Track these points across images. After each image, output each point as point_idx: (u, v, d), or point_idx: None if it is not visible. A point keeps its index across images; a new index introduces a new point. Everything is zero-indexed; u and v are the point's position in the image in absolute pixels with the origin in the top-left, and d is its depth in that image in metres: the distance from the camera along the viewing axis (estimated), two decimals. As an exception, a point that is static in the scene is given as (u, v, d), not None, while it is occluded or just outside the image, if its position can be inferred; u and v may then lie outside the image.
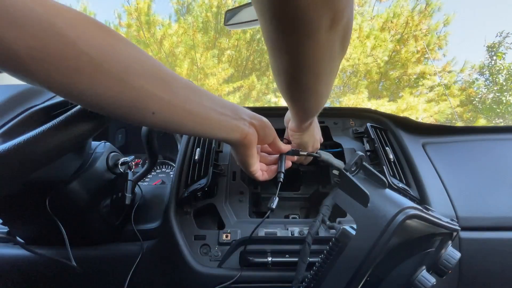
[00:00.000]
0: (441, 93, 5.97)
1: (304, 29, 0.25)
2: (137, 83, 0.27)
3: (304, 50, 0.28)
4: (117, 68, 0.25)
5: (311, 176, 0.67)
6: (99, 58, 0.24)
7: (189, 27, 5.88)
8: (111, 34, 0.26)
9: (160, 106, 0.29)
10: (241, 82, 6.27)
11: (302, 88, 0.34)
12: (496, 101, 6.67)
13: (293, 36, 0.26)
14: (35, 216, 0.47)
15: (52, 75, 0.23)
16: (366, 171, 0.39)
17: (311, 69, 0.31)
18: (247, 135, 0.38)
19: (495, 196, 0.56)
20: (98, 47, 0.24)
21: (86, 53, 0.23)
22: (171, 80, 0.30)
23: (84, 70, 0.24)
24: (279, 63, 0.31)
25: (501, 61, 6.92)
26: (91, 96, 0.26)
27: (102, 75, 0.25)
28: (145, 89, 0.28)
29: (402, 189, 0.54)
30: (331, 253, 0.37)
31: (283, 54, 0.29)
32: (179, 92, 0.31)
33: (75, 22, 0.23)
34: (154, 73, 0.29)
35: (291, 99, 0.39)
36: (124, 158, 0.56)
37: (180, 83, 0.31)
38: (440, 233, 0.36)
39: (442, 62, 6.45)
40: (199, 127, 0.33)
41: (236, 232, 0.51)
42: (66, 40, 0.23)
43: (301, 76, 0.32)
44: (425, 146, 0.66)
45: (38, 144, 0.30)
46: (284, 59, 0.30)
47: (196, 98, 0.33)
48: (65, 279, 0.57)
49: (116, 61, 0.26)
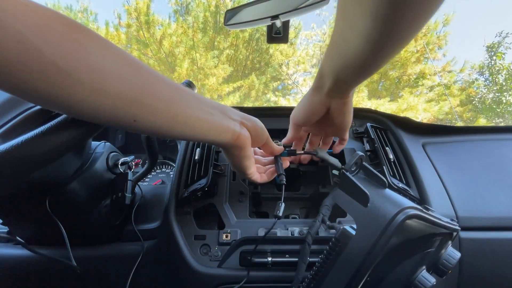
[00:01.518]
0: (441, 93, 5.97)
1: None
2: (113, 90, 0.24)
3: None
4: (89, 77, 0.23)
5: (311, 176, 0.67)
6: (69, 68, 0.21)
7: (189, 27, 5.89)
8: (83, 35, 0.23)
9: (141, 112, 0.27)
10: (241, 82, 6.27)
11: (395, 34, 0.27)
12: (496, 101, 6.68)
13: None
14: (35, 216, 0.47)
15: (20, 86, 0.21)
16: (366, 171, 0.39)
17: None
18: (239, 135, 0.36)
19: (495, 196, 0.56)
20: (67, 55, 0.21)
21: (54, 62, 0.21)
22: (153, 82, 0.28)
23: (53, 80, 0.21)
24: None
25: (501, 61, 6.93)
26: (64, 105, 0.23)
27: (73, 85, 0.22)
28: (123, 96, 0.25)
29: (402, 189, 0.54)
30: (331, 253, 0.37)
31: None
32: (162, 94, 0.28)
33: (40, 25, 0.20)
34: (132, 76, 0.26)
35: (370, 46, 0.29)
36: (124, 158, 0.56)
37: (163, 84, 0.29)
38: (440, 233, 0.36)
39: (442, 62, 6.47)
40: (187, 130, 0.31)
41: (236, 232, 0.51)
42: (29, 48, 0.20)
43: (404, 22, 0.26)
44: (425, 146, 0.66)
45: (38, 144, 0.30)
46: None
47: (182, 100, 0.30)
48: (66, 279, 0.57)
49: (88, 70, 0.23)
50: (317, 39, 7.97)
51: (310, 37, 8.04)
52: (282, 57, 7.04)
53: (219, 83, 6.08)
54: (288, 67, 7.53)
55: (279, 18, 0.61)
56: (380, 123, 0.70)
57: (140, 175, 0.57)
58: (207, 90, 6.13)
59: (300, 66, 7.71)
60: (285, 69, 7.47)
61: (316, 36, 8.01)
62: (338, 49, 0.34)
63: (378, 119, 0.71)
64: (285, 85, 7.85)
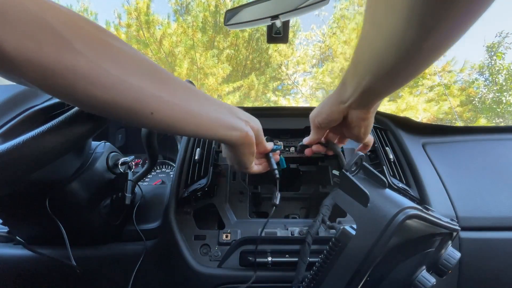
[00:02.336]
0: (441, 93, 5.97)
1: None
2: (136, 82, 0.26)
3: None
4: (116, 68, 0.25)
5: (311, 176, 0.67)
6: (97, 59, 0.24)
7: (188, 27, 5.89)
8: (106, 34, 0.25)
9: (159, 106, 0.29)
10: (241, 82, 6.28)
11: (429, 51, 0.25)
12: (496, 101, 6.68)
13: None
14: (35, 216, 0.47)
15: (47, 77, 0.22)
16: (366, 171, 0.39)
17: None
18: (248, 132, 0.38)
19: (495, 196, 0.56)
20: (96, 48, 0.24)
21: (84, 54, 0.23)
22: (169, 80, 0.30)
23: (82, 71, 0.23)
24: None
25: (501, 61, 6.93)
26: (89, 98, 0.25)
27: (101, 76, 0.24)
28: (144, 88, 0.27)
29: (402, 189, 0.54)
30: (331, 253, 0.37)
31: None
32: (177, 91, 0.30)
33: (71, 22, 0.23)
34: (151, 72, 0.28)
35: (410, 49, 0.25)
36: (124, 158, 0.56)
37: (177, 82, 0.31)
38: (440, 233, 0.36)
39: (442, 62, 6.46)
40: (200, 126, 0.33)
41: (236, 232, 0.51)
42: (61, 41, 0.22)
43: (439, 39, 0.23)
44: (425, 146, 0.66)
45: (38, 144, 0.30)
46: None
47: (194, 98, 0.32)
48: (66, 279, 0.57)
49: (115, 62, 0.25)
50: (317, 39, 7.98)
51: (310, 37, 8.04)
52: (281, 57, 7.04)
53: (219, 83, 6.09)
54: (287, 68, 7.53)
55: (279, 18, 0.61)
56: (380, 123, 0.70)
57: (140, 175, 0.57)
58: (207, 89, 6.14)
59: (300, 67, 7.71)
60: (284, 69, 7.47)
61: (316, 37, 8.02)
62: (363, 57, 0.31)
63: (378, 119, 0.71)
64: (285, 85, 7.85)
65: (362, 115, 0.39)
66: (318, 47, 7.83)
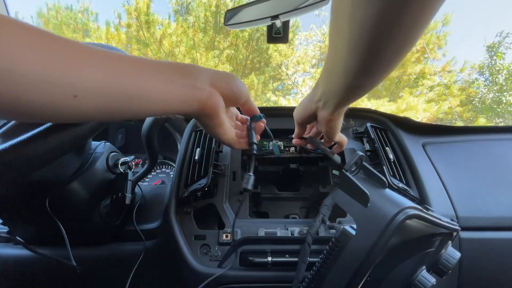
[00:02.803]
0: (441, 93, 5.97)
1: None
2: (42, 60, 0.21)
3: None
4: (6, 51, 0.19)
5: (311, 176, 0.67)
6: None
7: (189, 27, 5.89)
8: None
9: (82, 86, 0.23)
10: (241, 82, 6.27)
11: (383, 57, 0.27)
12: (496, 101, 6.67)
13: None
14: (35, 216, 0.47)
15: None
16: (366, 171, 0.39)
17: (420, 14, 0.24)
18: (207, 102, 0.31)
19: (495, 196, 0.56)
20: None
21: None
22: (87, 54, 0.23)
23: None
24: (371, 23, 0.24)
25: (501, 61, 6.92)
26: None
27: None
28: (55, 65, 0.21)
29: (402, 189, 0.54)
30: (331, 253, 0.37)
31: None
32: (102, 65, 0.24)
33: None
34: (58, 46, 0.22)
35: (357, 72, 0.30)
36: (124, 158, 0.56)
37: (103, 54, 0.24)
38: (440, 233, 0.36)
39: (442, 62, 6.46)
40: (144, 106, 0.27)
41: (236, 232, 0.51)
42: None
43: (409, 25, 0.24)
44: (425, 146, 0.66)
45: (38, 144, 0.30)
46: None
47: (128, 68, 0.25)
48: (65, 279, 0.57)
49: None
50: (317, 39, 7.98)
51: (310, 37, 8.04)
52: (281, 57, 7.04)
53: (219, 83, 6.08)
54: (287, 68, 7.53)
55: (279, 18, 0.61)
56: (380, 123, 0.70)
57: (140, 175, 0.57)
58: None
59: (299, 67, 7.71)
60: (284, 69, 7.47)
61: (316, 37, 8.01)
62: (327, 67, 0.34)
63: (378, 119, 0.71)
64: (285, 85, 7.85)
65: (328, 116, 0.41)
66: (318, 47, 7.82)
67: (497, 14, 10.20)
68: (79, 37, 6.22)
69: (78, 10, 6.62)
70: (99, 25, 6.45)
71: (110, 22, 6.15)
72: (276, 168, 0.68)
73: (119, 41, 6.05)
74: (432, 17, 0.24)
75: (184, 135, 0.65)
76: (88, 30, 6.43)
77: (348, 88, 0.33)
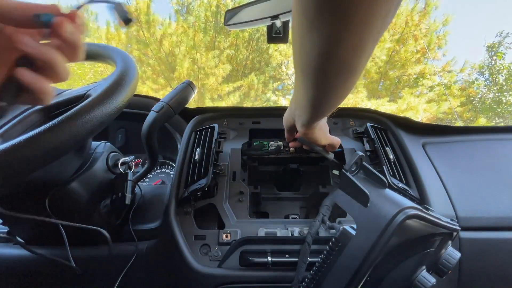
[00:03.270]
0: (441, 93, 5.97)
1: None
2: None
3: (360, 19, 0.23)
4: None
5: (311, 176, 0.67)
6: None
7: (189, 27, 5.89)
8: None
9: None
10: (241, 82, 6.28)
11: (347, 71, 0.29)
12: (496, 101, 6.68)
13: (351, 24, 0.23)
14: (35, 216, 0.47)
15: None
16: (366, 171, 0.39)
17: (361, 45, 0.26)
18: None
19: (495, 196, 0.56)
20: None
21: None
22: None
23: None
24: (321, 40, 0.25)
25: (501, 61, 6.93)
26: None
27: None
28: None
29: (402, 189, 0.54)
30: (331, 253, 0.37)
31: (329, 26, 0.24)
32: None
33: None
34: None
35: (318, 91, 0.33)
36: (124, 158, 0.56)
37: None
38: (440, 233, 0.36)
39: (442, 62, 6.46)
40: None
41: (236, 232, 0.51)
42: None
43: (350, 56, 0.27)
44: (425, 146, 0.66)
45: (38, 144, 0.30)
46: (332, 33, 0.24)
47: None
48: (65, 279, 0.57)
49: None
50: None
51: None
52: (281, 57, 7.04)
53: (219, 83, 6.09)
54: (288, 67, 7.52)
55: (279, 18, 0.61)
56: (380, 123, 0.70)
57: (140, 175, 0.57)
58: (207, 89, 6.14)
59: (300, 66, 7.68)
60: (284, 69, 7.47)
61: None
62: (294, 87, 0.39)
63: (378, 119, 0.71)
64: (285, 85, 7.85)
65: (303, 131, 0.47)
66: (318, 47, 7.79)
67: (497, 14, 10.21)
68: (79, 37, 6.20)
69: (78, 10, 6.60)
70: (99, 25, 6.45)
71: (110, 22, 6.15)
72: (276, 168, 0.68)
73: (119, 41, 6.05)
74: (370, 45, 0.26)
75: (184, 135, 0.65)
76: (88, 30, 6.43)
77: (310, 106, 0.37)
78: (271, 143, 0.66)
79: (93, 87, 0.45)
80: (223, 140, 0.66)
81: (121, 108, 0.37)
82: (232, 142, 0.66)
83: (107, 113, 0.35)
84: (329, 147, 0.53)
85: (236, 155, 0.62)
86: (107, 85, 0.36)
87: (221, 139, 0.65)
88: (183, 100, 0.53)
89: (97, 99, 0.34)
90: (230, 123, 0.70)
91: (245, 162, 0.64)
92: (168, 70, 6.32)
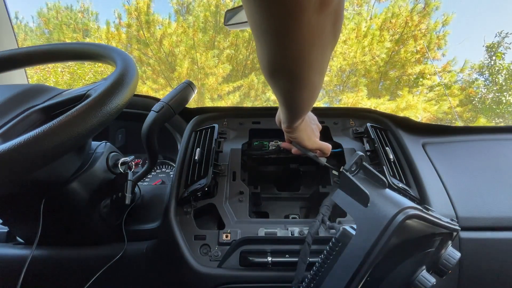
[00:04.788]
0: (441, 93, 5.97)
1: (289, 9, 0.22)
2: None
3: (292, 34, 0.25)
4: None
5: (311, 176, 0.67)
6: None
7: (189, 27, 5.89)
8: None
9: None
10: (241, 82, 6.28)
11: (294, 79, 0.32)
12: (496, 101, 6.68)
13: (279, 17, 0.23)
14: (35, 216, 0.47)
15: None
16: (366, 171, 0.39)
17: (302, 56, 0.28)
18: None
19: (495, 196, 0.56)
20: None
21: None
22: None
23: None
24: (266, 49, 0.28)
25: (501, 61, 6.92)
26: None
27: None
28: None
29: (402, 189, 0.54)
30: (331, 253, 0.37)
31: (269, 39, 0.26)
32: None
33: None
34: None
35: (282, 93, 0.36)
36: (124, 158, 0.56)
37: None
38: (440, 233, 0.36)
39: (442, 62, 6.46)
40: None
41: (236, 232, 0.51)
42: None
43: (293, 65, 0.29)
44: (425, 146, 0.66)
45: (38, 145, 0.30)
46: (272, 45, 0.27)
47: None
48: (66, 279, 0.57)
49: None
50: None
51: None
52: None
53: (219, 83, 6.08)
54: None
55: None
56: (380, 123, 0.70)
57: (140, 175, 0.57)
58: (207, 89, 6.14)
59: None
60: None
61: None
62: None
63: (378, 119, 0.70)
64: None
65: (285, 129, 0.49)
66: (318, 47, 7.80)
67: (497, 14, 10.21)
68: (79, 37, 6.22)
69: (78, 10, 6.62)
70: (99, 25, 6.45)
71: (110, 22, 6.15)
72: (276, 168, 0.68)
73: (119, 41, 6.05)
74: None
75: (184, 135, 0.65)
76: (88, 30, 6.42)
77: (283, 106, 0.40)
78: (271, 143, 0.66)
79: (93, 87, 0.45)
80: (223, 140, 0.66)
81: (121, 108, 0.37)
82: (232, 142, 0.66)
83: (107, 113, 0.35)
84: (320, 153, 0.55)
85: (236, 155, 0.62)
86: (107, 85, 0.36)
87: (221, 139, 0.65)
88: (183, 100, 0.53)
89: (97, 99, 0.34)
90: (230, 123, 0.70)
91: (245, 162, 0.64)
92: (168, 70, 6.32)
